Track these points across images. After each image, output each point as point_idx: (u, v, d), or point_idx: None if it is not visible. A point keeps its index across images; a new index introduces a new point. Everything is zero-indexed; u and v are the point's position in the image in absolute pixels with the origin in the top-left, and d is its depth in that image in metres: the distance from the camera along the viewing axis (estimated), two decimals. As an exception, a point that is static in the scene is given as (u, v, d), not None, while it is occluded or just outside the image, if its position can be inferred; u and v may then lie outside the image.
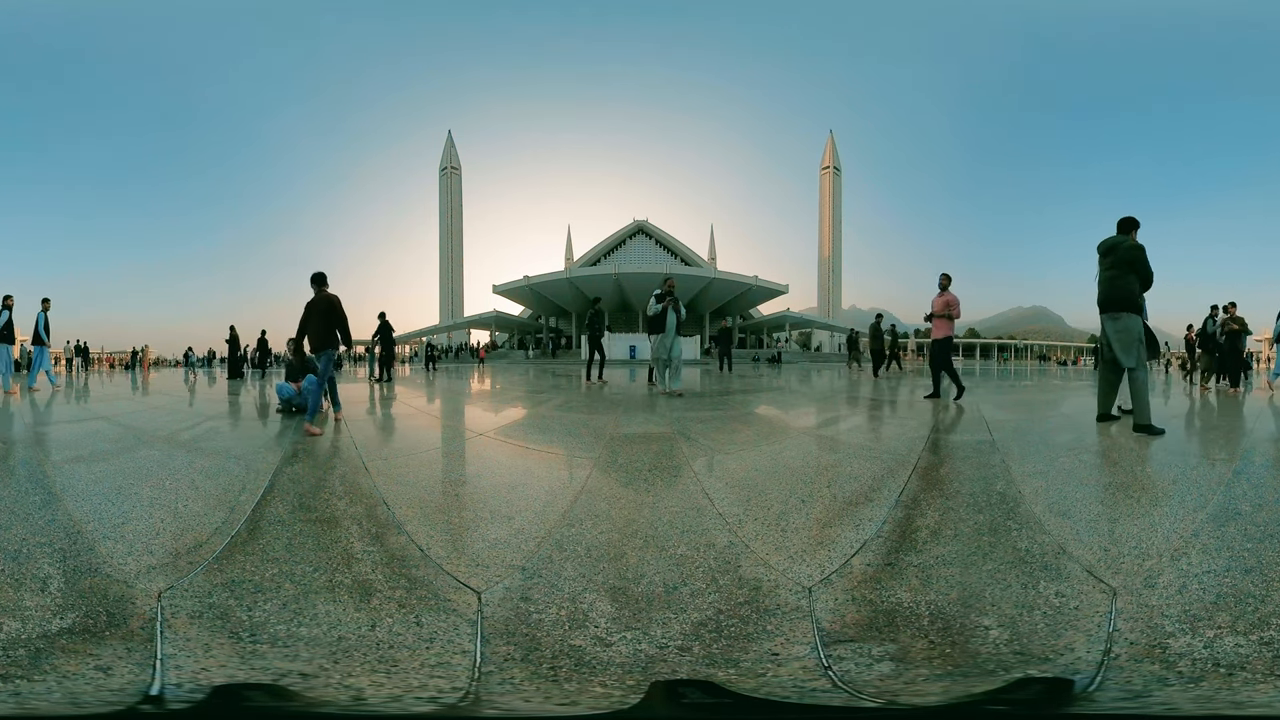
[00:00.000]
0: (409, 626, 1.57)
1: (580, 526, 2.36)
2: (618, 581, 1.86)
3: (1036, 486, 2.90)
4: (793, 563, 1.98)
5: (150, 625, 1.56)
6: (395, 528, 2.34)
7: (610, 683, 1.34)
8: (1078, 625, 1.55)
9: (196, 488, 2.95)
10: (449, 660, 1.43)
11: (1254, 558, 1.94)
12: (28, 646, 1.46)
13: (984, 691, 1.32)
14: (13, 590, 1.76)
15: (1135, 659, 1.39)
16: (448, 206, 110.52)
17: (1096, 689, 1.30)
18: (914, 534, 2.26)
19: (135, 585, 1.80)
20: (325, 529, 2.35)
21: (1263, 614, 1.57)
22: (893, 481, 3.04)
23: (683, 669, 1.39)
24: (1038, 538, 2.18)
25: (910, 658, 1.43)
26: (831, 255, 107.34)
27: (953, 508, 2.59)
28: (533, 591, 1.79)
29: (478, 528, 2.40)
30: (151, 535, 2.23)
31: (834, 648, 1.47)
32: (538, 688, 1.33)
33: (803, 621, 1.60)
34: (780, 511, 2.53)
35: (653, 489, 2.97)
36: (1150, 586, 1.76)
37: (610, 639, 1.51)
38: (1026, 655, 1.43)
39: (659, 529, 2.33)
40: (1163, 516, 2.40)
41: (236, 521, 2.39)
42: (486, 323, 73.58)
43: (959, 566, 1.94)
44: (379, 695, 1.30)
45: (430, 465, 3.76)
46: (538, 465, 3.72)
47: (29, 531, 2.26)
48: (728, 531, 2.29)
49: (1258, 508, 2.48)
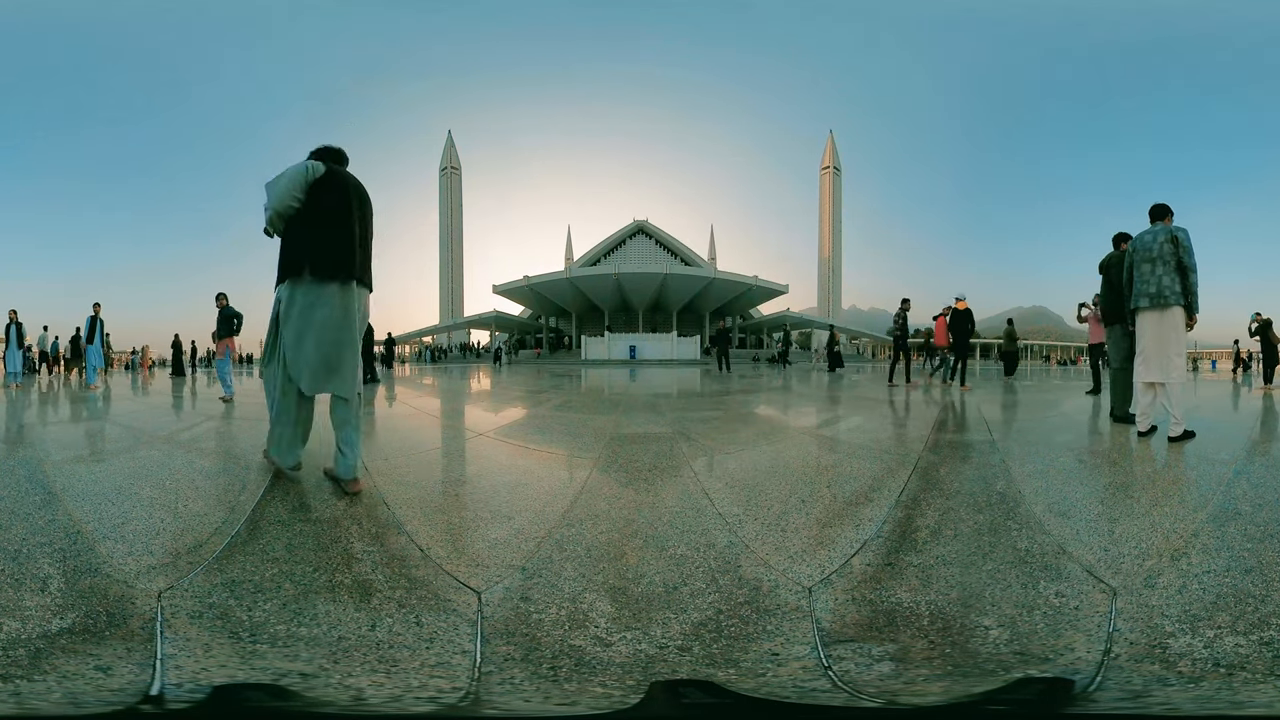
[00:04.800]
0: (409, 626, 1.57)
1: (580, 526, 2.36)
2: (618, 581, 1.86)
3: (1036, 486, 2.91)
4: (793, 563, 1.98)
5: (150, 625, 1.56)
6: (395, 528, 2.34)
7: (610, 683, 1.34)
8: (1078, 625, 1.55)
9: (196, 488, 2.95)
10: (449, 660, 1.43)
11: (1254, 558, 1.94)
12: (28, 646, 1.46)
13: (984, 691, 1.32)
14: (13, 590, 1.76)
15: (1135, 659, 1.39)
16: (448, 206, 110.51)
17: (1096, 689, 1.30)
18: (914, 534, 2.26)
19: (135, 585, 1.80)
20: (325, 529, 2.35)
21: (1263, 614, 1.57)
22: (893, 481, 3.04)
23: (683, 669, 1.39)
24: (1038, 538, 2.18)
25: (910, 658, 1.43)
26: (831, 255, 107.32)
27: (953, 508, 2.59)
28: (533, 591, 1.79)
29: (478, 528, 2.40)
30: (151, 535, 2.23)
31: (834, 648, 1.47)
32: (538, 688, 1.32)
33: (803, 621, 1.60)
34: (780, 511, 2.53)
35: (652, 489, 2.97)
36: (1150, 586, 1.76)
37: (610, 639, 1.51)
38: (1026, 655, 1.43)
39: (659, 529, 2.33)
40: (1163, 516, 2.40)
41: (236, 521, 2.39)
42: (486, 323, 73.57)
43: (959, 566, 1.94)
44: (379, 695, 1.30)
45: (430, 465, 3.77)
46: (538, 465, 3.72)
47: (29, 531, 2.26)
48: (728, 531, 2.29)
49: (1258, 507, 2.48)
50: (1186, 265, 4.25)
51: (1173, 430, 4.11)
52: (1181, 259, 4.26)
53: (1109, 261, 5.66)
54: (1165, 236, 4.33)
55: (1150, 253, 4.38)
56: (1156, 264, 4.34)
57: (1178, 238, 4.29)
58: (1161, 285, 4.30)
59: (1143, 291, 4.39)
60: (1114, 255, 5.66)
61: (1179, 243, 4.28)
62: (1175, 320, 4.28)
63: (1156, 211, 4.53)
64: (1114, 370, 5.46)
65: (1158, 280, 4.32)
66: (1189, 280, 4.25)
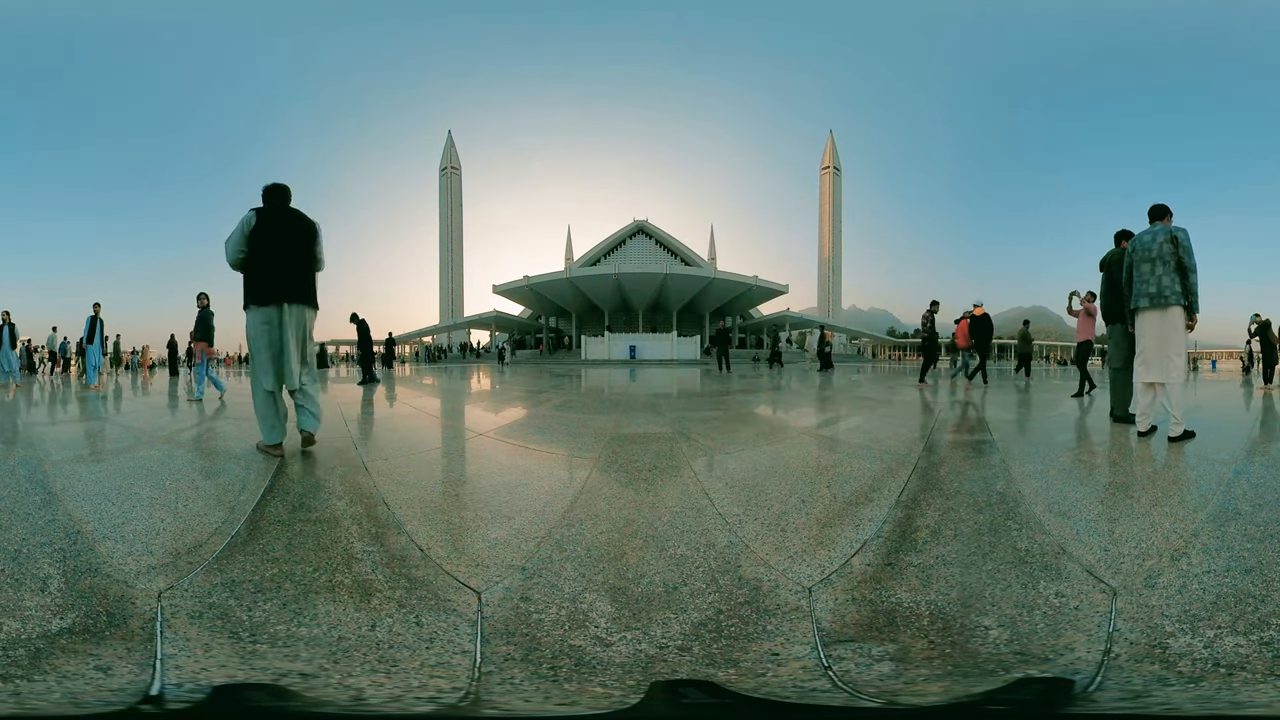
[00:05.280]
0: (409, 626, 1.57)
1: (580, 526, 2.36)
2: (618, 581, 1.86)
3: (1036, 486, 2.91)
4: (793, 563, 1.98)
5: (150, 625, 1.56)
6: (395, 528, 2.34)
7: (610, 683, 1.34)
8: (1078, 625, 1.55)
9: (196, 488, 2.95)
10: (449, 660, 1.43)
11: (1254, 558, 1.94)
12: (28, 646, 1.46)
13: (984, 691, 1.32)
14: (13, 590, 1.76)
15: (1135, 659, 1.39)
16: (448, 206, 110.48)
17: (1096, 689, 1.30)
18: (914, 534, 2.26)
19: (135, 585, 1.80)
20: (325, 529, 2.35)
21: (1263, 614, 1.57)
22: (893, 481, 3.04)
23: (683, 669, 1.39)
24: (1038, 538, 2.18)
25: (910, 658, 1.43)
26: (831, 255, 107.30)
27: (953, 507, 2.59)
28: (533, 591, 1.79)
29: (478, 528, 2.40)
30: (151, 535, 2.23)
31: (834, 648, 1.47)
32: (538, 688, 1.32)
33: (803, 621, 1.60)
34: (780, 511, 2.53)
35: (652, 489, 2.97)
36: (1150, 586, 1.76)
37: (610, 639, 1.51)
38: (1026, 655, 1.43)
39: (659, 529, 2.33)
40: (1163, 516, 2.40)
41: (236, 521, 2.39)
42: (486, 323, 73.54)
43: (959, 566, 1.94)
44: (379, 695, 1.30)
45: (430, 465, 3.76)
46: (538, 465, 3.72)
47: (29, 531, 2.26)
48: (728, 531, 2.29)
49: (1258, 507, 2.48)
50: (1186, 265, 4.25)
51: (1173, 430, 4.11)
52: (1181, 259, 4.26)
53: (1110, 259, 5.66)
54: (1165, 236, 4.33)
55: (1150, 253, 4.38)
56: (1156, 264, 4.34)
57: (1177, 238, 4.29)
58: (1161, 285, 4.30)
59: (1142, 291, 4.40)
60: (1115, 252, 5.65)
61: (1179, 243, 4.28)
62: (1175, 320, 4.28)
63: (1156, 212, 4.53)
64: (1114, 370, 5.46)
65: (1157, 280, 4.32)
66: (1189, 280, 4.26)
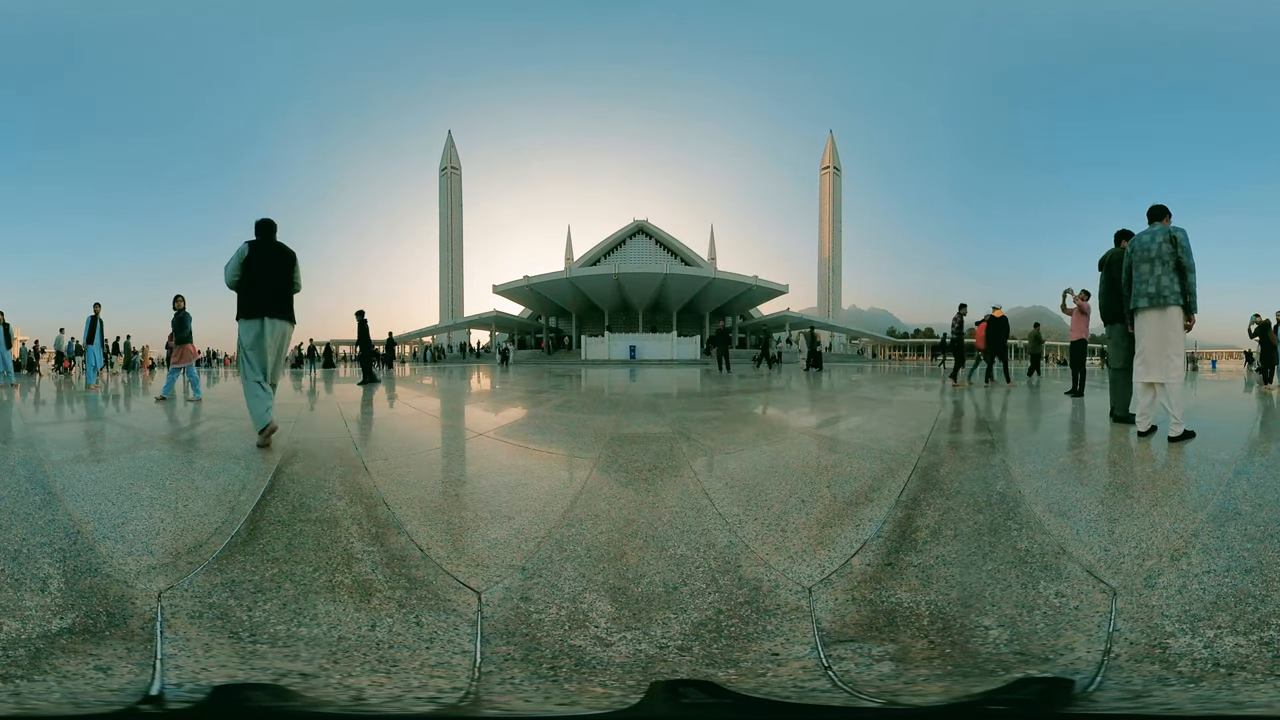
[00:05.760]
0: (409, 626, 1.57)
1: (580, 526, 2.36)
2: (618, 581, 1.86)
3: (1036, 486, 2.91)
4: (793, 563, 1.98)
5: (150, 625, 1.56)
6: (395, 528, 2.34)
7: (610, 683, 1.34)
8: (1078, 625, 1.55)
9: (196, 488, 2.95)
10: (449, 660, 1.43)
11: (1254, 558, 1.94)
12: (28, 646, 1.46)
13: (984, 691, 1.32)
14: (13, 590, 1.76)
15: (1135, 659, 1.39)
16: (448, 206, 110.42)
17: (1096, 689, 1.30)
18: (914, 534, 2.26)
19: (135, 585, 1.80)
20: (325, 529, 2.35)
21: (1263, 614, 1.57)
22: (892, 481, 3.04)
23: (683, 669, 1.39)
24: (1038, 538, 2.17)
25: (910, 658, 1.43)
26: (832, 255, 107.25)
27: (953, 508, 2.59)
28: (533, 591, 1.79)
29: (478, 528, 2.40)
30: (151, 535, 2.23)
31: (834, 648, 1.47)
32: (538, 688, 1.32)
33: (803, 621, 1.60)
34: (780, 511, 2.53)
35: (652, 489, 2.97)
36: (1150, 586, 1.75)
37: (610, 639, 1.51)
38: (1026, 655, 1.43)
39: (659, 529, 2.33)
40: (1163, 516, 2.40)
41: (236, 521, 2.39)
42: (486, 323, 73.49)
43: (959, 566, 1.94)
44: (379, 695, 1.30)
45: (430, 465, 3.76)
46: (538, 465, 3.72)
47: (29, 531, 2.26)
48: (728, 531, 2.29)
49: (1258, 507, 2.48)
50: (1185, 265, 4.26)
51: (1172, 430, 4.11)
52: (1180, 259, 4.27)
53: (1110, 258, 5.66)
54: (1164, 237, 4.34)
55: (1149, 253, 4.38)
56: (1155, 264, 4.34)
57: (1176, 238, 4.29)
58: (1160, 285, 4.30)
59: (1142, 291, 4.40)
60: (1115, 251, 5.65)
61: (1177, 243, 4.28)
62: (1174, 320, 4.28)
63: (1155, 212, 4.53)
64: (1114, 370, 5.45)
65: (1156, 280, 4.32)
66: (1188, 280, 4.26)
